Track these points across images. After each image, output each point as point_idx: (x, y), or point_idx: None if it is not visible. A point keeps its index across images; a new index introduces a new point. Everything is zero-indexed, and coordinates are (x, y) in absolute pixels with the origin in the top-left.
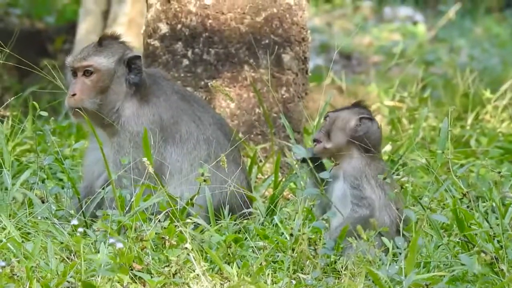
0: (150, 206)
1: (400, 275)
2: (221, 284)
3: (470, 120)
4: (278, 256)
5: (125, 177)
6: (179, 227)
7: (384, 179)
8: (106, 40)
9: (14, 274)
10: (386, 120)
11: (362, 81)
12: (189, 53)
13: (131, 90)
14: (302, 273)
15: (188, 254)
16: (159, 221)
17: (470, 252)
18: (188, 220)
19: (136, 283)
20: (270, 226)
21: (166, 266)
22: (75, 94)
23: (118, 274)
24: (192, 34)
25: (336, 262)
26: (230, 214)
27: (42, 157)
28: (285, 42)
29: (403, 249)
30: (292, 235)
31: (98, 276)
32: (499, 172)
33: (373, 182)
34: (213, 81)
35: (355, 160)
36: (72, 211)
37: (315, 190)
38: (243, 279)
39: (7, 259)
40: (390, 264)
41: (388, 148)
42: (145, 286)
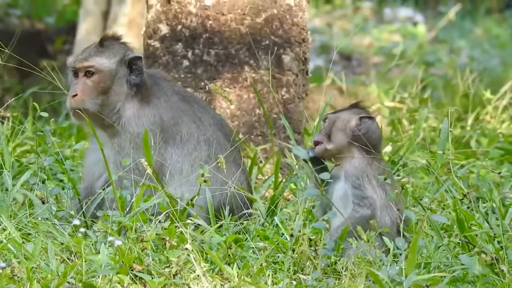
0: (150, 207)
1: (401, 276)
2: (221, 285)
3: (470, 121)
4: (279, 256)
5: (125, 178)
6: (179, 228)
7: (385, 179)
8: (107, 40)
9: (14, 275)
10: (387, 121)
11: (362, 82)
12: (189, 54)
13: (132, 91)
14: (302, 273)
15: (188, 255)
16: (159, 221)
17: (471, 252)
18: (189, 221)
19: (136, 283)
20: (271, 227)
21: (167, 267)
22: (76, 95)
23: (119, 275)
24: (192, 35)
25: (336, 263)
26: (231, 215)
27: (42, 158)
28: (285, 43)
29: (404, 249)
30: (292, 235)
31: (98, 277)
32: (499, 173)
33: (374, 182)
34: (212, 82)
35: (356, 160)
36: (72, 212)
37: (315, 190)
38: (244, 279)
39: (8, 260)
40: (391, 265)
41: (388, 148)
42: (145, 286)
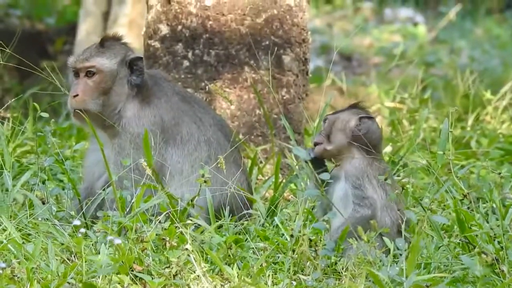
0: (150, 207)
1: (401, 276)
2: (221, 285)
3: (470, 121)
4: (279, 257)
5: (126, 178)
6: (179, 228)
7: (386, 179)
8: (108, 41)
9: (14, 275)
10: (387, 121)
11: (362, 82)
12: (189, 54)
13: (132, 92)
14: (302, 274)
15: (188, 255)
16: (159, 222)
17: (471, 253)
18: (189, 221)
19: (136, 284)
20: (271, 228)
21: (167, 267)
22: (77, 95)
23: (119, 275)
24: (192, 36)
25: (336, 263)
26: (231, 215)
27: (42, 158)
28: (285, 43)
29: (404, 250)
30: (292, 236)
31: (98, 277)
32: (500, 173)
33: (374, 182)
34: (212, 83)
35: (356, 160)
36: (72, 212)
37: (315, 191)
38: (244, 280)
39: (8, 260)
40: (391, 265)
41: (388, 149)
42: (145, 287)
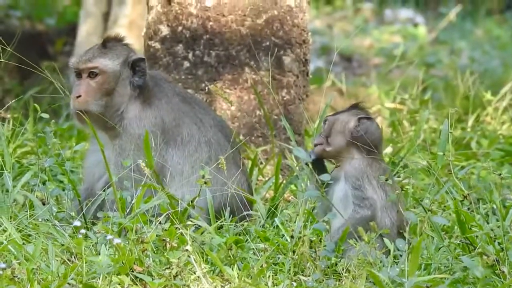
0: (151, 208)
1: (401, 277)
2: (221, 286)
3: (470, 122)
4: (279, 258)
5: (126, 179)
6: (180, 229)
7: (386, 180)
8: (110, 42)
9: (15, 276)
10: (387, 122)
11: (362, 83)
12: (189, 55)
13: (135, 93)
14: (303, 275)
15: (189, 256)
16: (160, 223)
17: (471, 254)
18: (189, 222)
19: (137, 285)
20: (271, 228)
21: (167, 268)
22: (79, 96)
23: (119, 276)
24: (192, 36)
25: (337, 264)
26: (231, 216)
27: (43, 159)
28: (285, 44)
29: (404, 251)
30: (293, 237)
31: (99, 278)
32: (500, 174)
33: (374, 182)
34: (212, 84)
35: (356, 161)
36: (73, 213)
37: (316, 192)
38: (244, 281)
39: (8, 261)
40: (391, 266)
41: (389, 150)
42: None
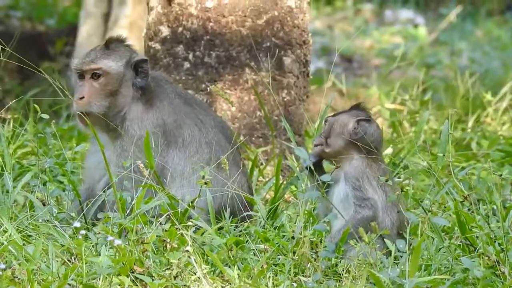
0: (151, 209)
1: (402, 278)
2: (222, 287)
3: (471, 123)
4: (279, 259)
5: (126, 180)
6: (180, 230)
7: (387, 181)
8: (112, 43)
9: (15, 277)
10: (387, 123)
11: (363, 84)
12: (190, 56)
13: (137, 94)
14: (303, 276)
15: (189, 257)
16: (160, 223)
17: (472, 255)
18: (189, 223)
19: (137, 285)
20: (271, 229)
21: (167, 269)
22: (83, 97)
23: (119, 277)
24: (193, 37)
25: (337, 265)
26: (232, 217)
27: (43, 159)
28: (286, 45)
29: (405, 252)
30: (293, 237)
31: (99, 279)
32: (500, 175)
33: (374, 183)
34: (213, 84)
35: (355, 161)
36: (73, 214)
37: (316, 192)
38: (244, 281)
39: (8, 261)
40: (392, 267)
41: (389, 151)
42: None
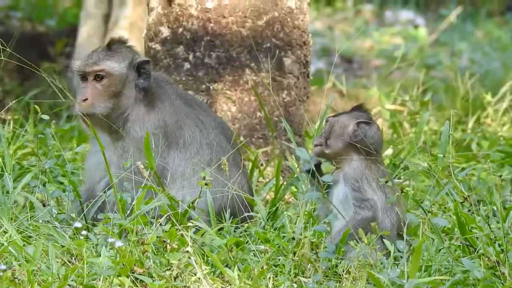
0: (151, 210)
1: (402, 279)
2: (222, 287)
3: (471, 123)
4: (280, 259)
5: (127, 181)
6: (180, 230)
7: (386, 182)
8: (114, 44)
9: (15, 278)
10: (388, 123)
11: (363, 84)
12: (190, 56)
13: (140, 95)
14: (303, 276)
15: (189, 258)
16: (160, 224)
17: (472, 255)
18: (189, 224)
19: (137, 286)
20: (271, 230)
21: (168, 270)
22: (86, 99)
23: (120, 278)
24: (193, 38)
25: (337, 266)
26: (232, 218)
27: (43, 160)
28: (286, 46)
29: (405, 252)
30: (293, 238)
31: (99, 280)
32: (500, 176)
33: (374, 184)
34: (215, 84)
35: (355, 162)
36: (73, 215)
37: (316, 193)
38: (244, 282)
39: (8, 262)
40: (392, 268)
41: (389, 151)
42: None
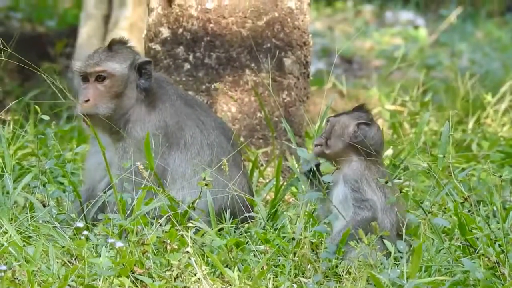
0: (151, 210)
1: (402, 279)
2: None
3: (471, 124)
4: (280, 260)
5: (127, 181)
6: (180, 231)
7: (386, 182)
8: (115, 45)
9: (15, 278)
10: (388, 124)
11: (363, 85)
12: (190, 57)
13: (141, 95)
14: (303, 277)
15: (189, 258)
16: (160, 225)
17: (472, 256)
18: (190, 224)
19: (137, 287)
20: (272, 230)
21: (168, 270)
22: (88, 100)
23: (120, 278)
24: (193, 38)
25: (337, 266)
26: (232, 218)
27: (43, 161)
28: (286, 46)
29: (405, 253)
30: (293, 239)
31: (99, 280)
32: (500, 176)
33: (373, 184)
34: (213, 86)
35: (355, 163)
36: (73, 215)
37: (317, 193)
38: (245, 283)
39: (9, 263)
40: (392, 268)
41: (389, 152)
42: None
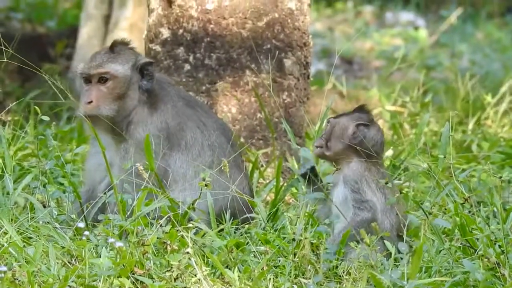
0: (152, 211)
1: (402, 280)
2: None
3: (471, 125)
4: (280, 260)
5: (128, 182)
6: (180, 231)
7: (386, 183)
8: (117, 46)
9: (15, 279)
10: (388, 125)
11: (363, 85)
12: (190, 58)
13: (143, 96)
14: (303, 277)
15: (189, 259)
16: (160, 225)
17: (472, 257)
18: (190, 225)
19: (137, 287)
20: (272, 231)
21: (168, 271)
22: (91, 102)
23: (120, 279)
24: (193, 39)
25: (338, 267)
26: (232, 219)
27: (43, 161)
28: (286, 47)
29: (406, 254)
30: (294, 239)
31: (99, 281)
32: (500, 177)
33: (373, 185)
34: (213, 86)
35: (354, 164)
36: (73, 216)
37: (317, 194)
38: (245, 283)
39: (9, 263)
40: (392, 269)
41: (389, 153)
42: None
